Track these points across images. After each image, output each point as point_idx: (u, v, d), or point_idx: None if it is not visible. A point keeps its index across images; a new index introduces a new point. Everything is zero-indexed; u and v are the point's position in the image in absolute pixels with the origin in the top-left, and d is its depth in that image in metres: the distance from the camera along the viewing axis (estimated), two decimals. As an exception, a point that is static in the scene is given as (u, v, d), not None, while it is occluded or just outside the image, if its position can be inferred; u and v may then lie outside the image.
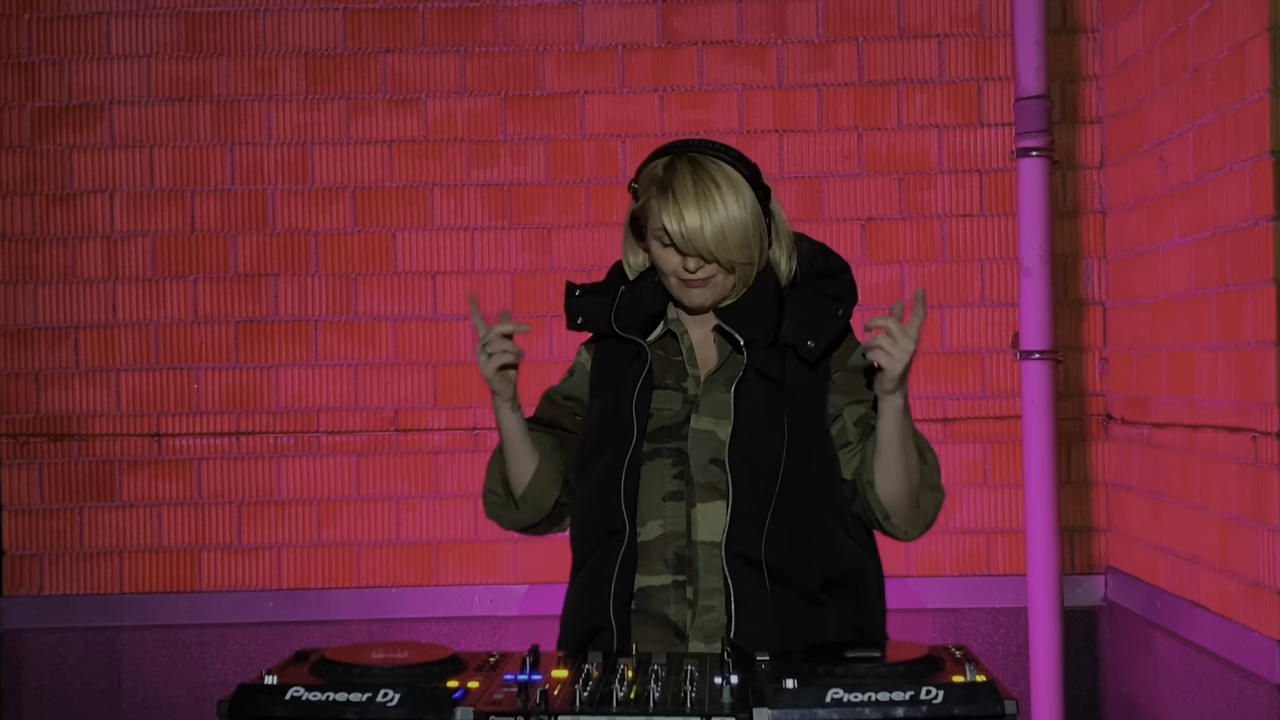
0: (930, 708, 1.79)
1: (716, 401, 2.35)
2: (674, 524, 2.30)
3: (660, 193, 2.32)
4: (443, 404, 4.23)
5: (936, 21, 4.21)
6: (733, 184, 2.32)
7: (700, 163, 2.33)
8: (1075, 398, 4.18)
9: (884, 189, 4.21)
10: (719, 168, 2.32)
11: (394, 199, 4.24)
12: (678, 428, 2.34)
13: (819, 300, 2.41)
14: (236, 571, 4.23)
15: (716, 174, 2.32)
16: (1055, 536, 3.53)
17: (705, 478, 2.30)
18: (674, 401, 2.37)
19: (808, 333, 2.36)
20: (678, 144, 2.38)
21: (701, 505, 2.30)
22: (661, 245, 2.34)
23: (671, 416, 2.36)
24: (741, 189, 2.33)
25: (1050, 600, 3.54)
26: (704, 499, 2.30)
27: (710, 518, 2.29)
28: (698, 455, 2.31)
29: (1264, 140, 3.03)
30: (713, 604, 2.28)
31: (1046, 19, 3.57)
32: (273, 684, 1.87)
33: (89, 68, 4.24)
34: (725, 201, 2.30)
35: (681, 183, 2.30)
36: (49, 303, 4.24)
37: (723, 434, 2.31)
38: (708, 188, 2.30)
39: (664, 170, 2.34)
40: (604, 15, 4.23)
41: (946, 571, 4.18)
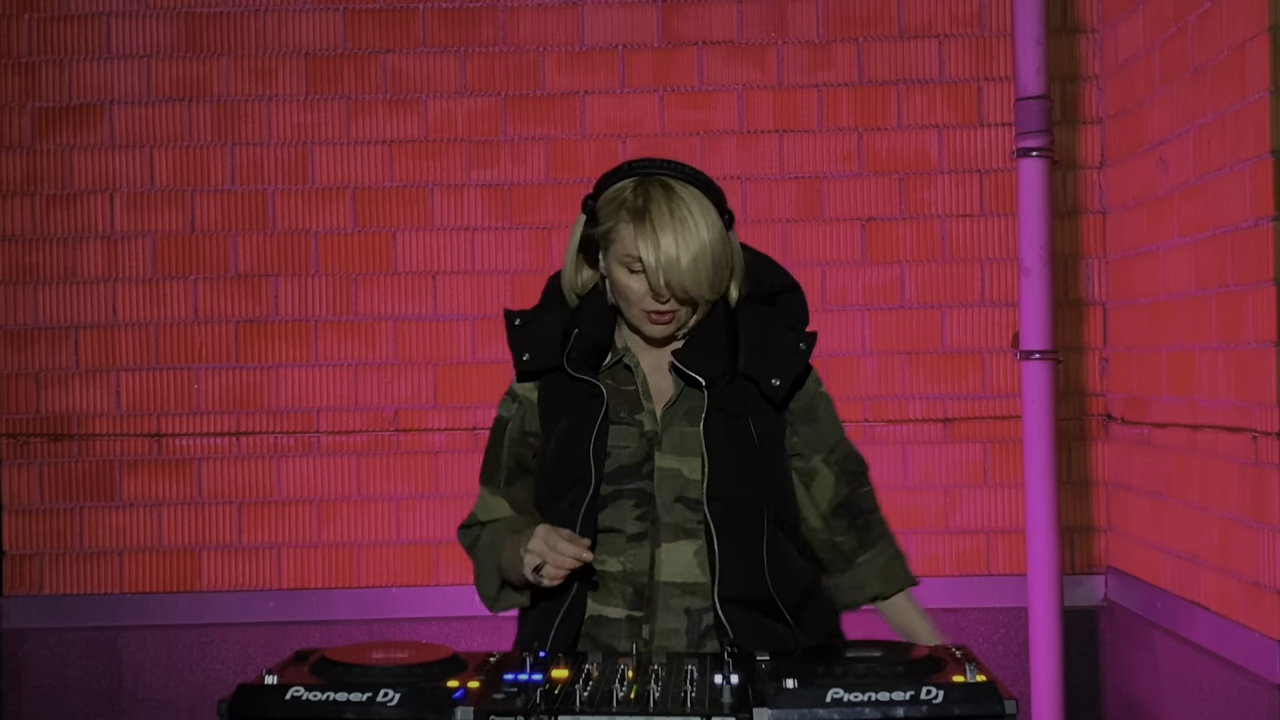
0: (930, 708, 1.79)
1: (679, 437, 2.28)
2: (636, 563, 2.26)
3: (635, 218, 2.22)
4: (443, 404, 4.23)
5: (936, 21, 4.21)
6: (705, 212, 2.22)
7: (672, 188, 2.23)
8: (1075, 398, 4.18)
9: (884, 189, 4.21)
10: (691, 193, 2.23)
11: (394, 199, 4.24)
12: (637, 466, 2.27)
13: (778, 331, 2.34)
14: (236, 571, 4.23)
15: (690, 201, 2.22)
16: (1055, 536, 3.53)
17: (671, 517, 2.26)
18: (630, 439, 2.29)
19: (771, 370, 2.29)
20: (642, 163, 2.29)
21: (666, 545, 2.26)
22: (629, 272, 2.25)
23: (630, 455, 2.28)
24: (712, 217, 2.23)
25: (1050, 600, 3.54)
26: (669, 539, 2.26)
27: (674, 558, 2.26)
28: (663, 494, 2.27)
29: (1264, 140, 3.03)
30: (668, 644, 2.25)
31: (1046, 19, 3.57)
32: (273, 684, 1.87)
33: (89, 68, 4.24)
34: (700, 230, 2.20)
35: (658, 208, 2.20)
36: (49, 303, 4.24)
37: (689, 471, 2.26)
38: (684, 216, 2.20)
39: (634, 194, 2.24)
40: (604, 15, 4.23)
41: (946, 571, 4.18)
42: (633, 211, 2.23)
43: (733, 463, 2.26)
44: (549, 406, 2.35)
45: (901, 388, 4.19)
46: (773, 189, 4.17)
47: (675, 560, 2.26)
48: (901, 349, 4.19)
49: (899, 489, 4.18)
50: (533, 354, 2.33)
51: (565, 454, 2.30)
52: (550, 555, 2.16)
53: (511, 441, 2.40)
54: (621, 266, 2.25)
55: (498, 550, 2.33)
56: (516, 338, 2.36)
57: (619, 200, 2.26)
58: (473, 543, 2.42)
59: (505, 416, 2.41)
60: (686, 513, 2.26)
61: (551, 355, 2.32)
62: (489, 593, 2.37)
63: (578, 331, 2.32)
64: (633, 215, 2.23)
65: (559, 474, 2.30)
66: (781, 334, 2.33)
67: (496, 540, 2.35)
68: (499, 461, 2.42)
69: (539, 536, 2.18)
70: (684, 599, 2.27)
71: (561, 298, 2.38)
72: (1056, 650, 3.53)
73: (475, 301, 4.23)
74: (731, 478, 2.25)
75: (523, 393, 2.39)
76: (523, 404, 2.39)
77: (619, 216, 2.25)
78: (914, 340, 4.19)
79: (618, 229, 2.25)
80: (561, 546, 2.15)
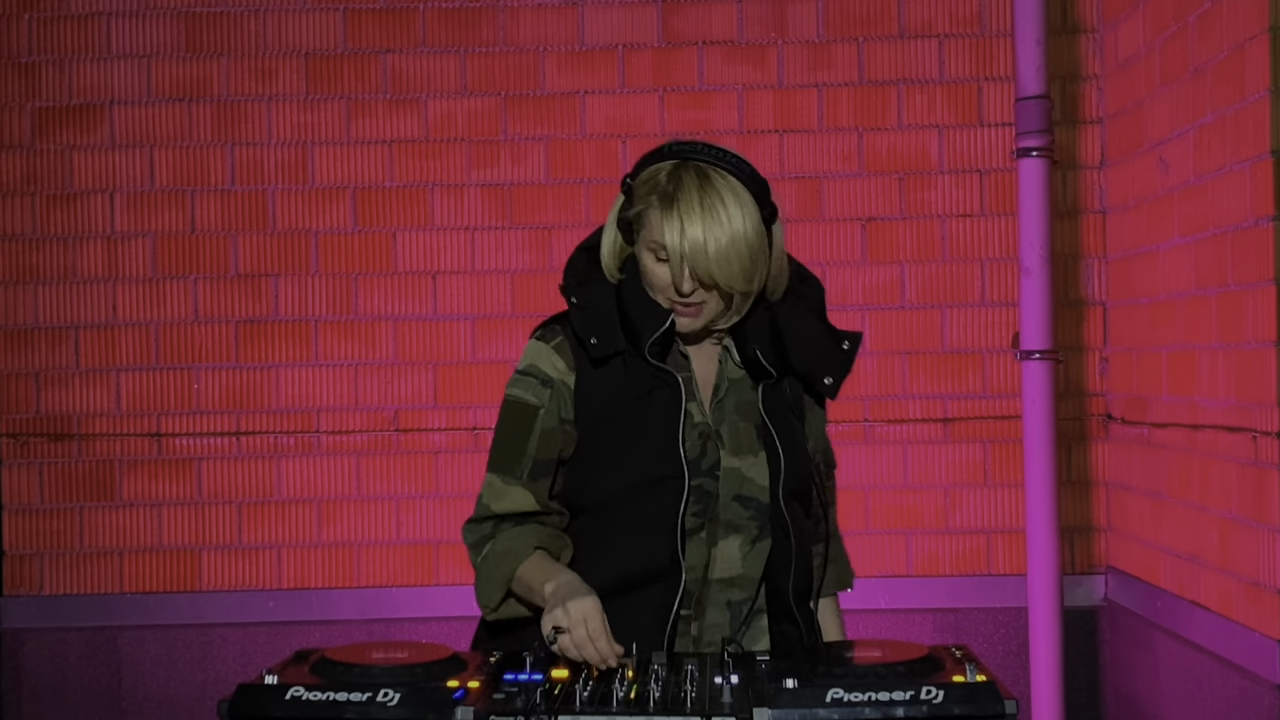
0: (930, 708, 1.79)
1: (736, 434, 2.25)
2: (693, 560, 2.23)
3: (663, 203, 2.16)
4: (443, 404, 4.23)
5: (936, 21, 4.21)
6: (740, 204, 2.14)
7: (708, 175, 2.15)
8: (1075, 398, 4.18)
9: (884, 189, 4.21)
10: (727, 183, 2.15)
11: (394, 199, 4.24)
12: (697, 461, 2.22)
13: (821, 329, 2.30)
14: (236, 571, 4.23)
15: (725, 190, 2.14)
16: (1055, 536, 3.53)
17: (727, 514, 2.25)
18: (689, 434, 2.23)
19: (822, 368, 2.27)
20: (684, 146, 2.21)
21: (721, 543, 2.25)
22: (655, 260, 2.18)
23: (692, 449, 2.22)
24: (749, 209, 2.15)
25: (1050, 600, 3.54)
26: (723, 535, 2.25)
27: (725, 554, 2.25)
28: (725, 492, 2.24)
29: (1264, 140, 3.03)
30: (712, 640, 2.26)
31: (1046, 19, 3.57)
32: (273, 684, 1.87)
33: (89, 68, 4.24)
34: (732, 222, 2.12)
35: (687, 196, 2.13)
36: (49, 303, 4.24)
37: (748, 470, 2.24)
38: (714, 205, 2.13)
39: (667, 178, 2.17)
40: (604, 15, 4.23)
41: (946, 571, 4.19)
42: (662, 197, 2.16)
43: (794, 460, 2.26)
44: (591, 393, 2.25)
45: (901, 388, 4.19)
46: (773, 189, 4.16)
47: (726, 557, 2.26)
48: (901, 349, 4.19)
49: (899, 489, 4.18)
50: (600, 339, 2.22)
51: (640, 448, 2.21)
52: (584, 642, 2.00)
53: (546, 432, 2.25)
54: (649, 253, 2.19)
55: (514, 561, 2.21)
56: (582, 321, 2.24)
57: (652, 183, 2.19)
58: (479, 542, 2.27)
59: (534, 403, 2.26)
60: (740, 510, 2.25)
61: (616, 339, 2.22)
62: (490, 601, 2.24)
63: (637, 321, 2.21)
64: (662, 201, 2.16)
65: (633, 469, 2.21)
66: (821, 330, 2.30)
67: (514, 551, 2.22)
68: (524, 450, 2.26)
69: (583, 612, 2.02)
70: (728, 592, 2.27)
71: (599, 274, 2.28)
72: (1056, 650, 3.53)
73: (475, 301, 4.23)
74: (796, 475, 2.27)
75: (558, 376, 2.26)
76: (558, 390, 2.26)
77: (649, 201, 2.18)
78: (914, 340, 4.19)
79: (648, 214, 2.18)
80: (601, 644, 2.00)
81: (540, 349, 2.28)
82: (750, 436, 2.26)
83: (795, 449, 2.26)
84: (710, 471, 2.23)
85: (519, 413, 2.28)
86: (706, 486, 2.22)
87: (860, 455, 4.16)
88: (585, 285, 2.28)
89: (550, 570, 2.17)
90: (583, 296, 2.26)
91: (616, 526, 2.23)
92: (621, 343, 2.22)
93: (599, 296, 2.25)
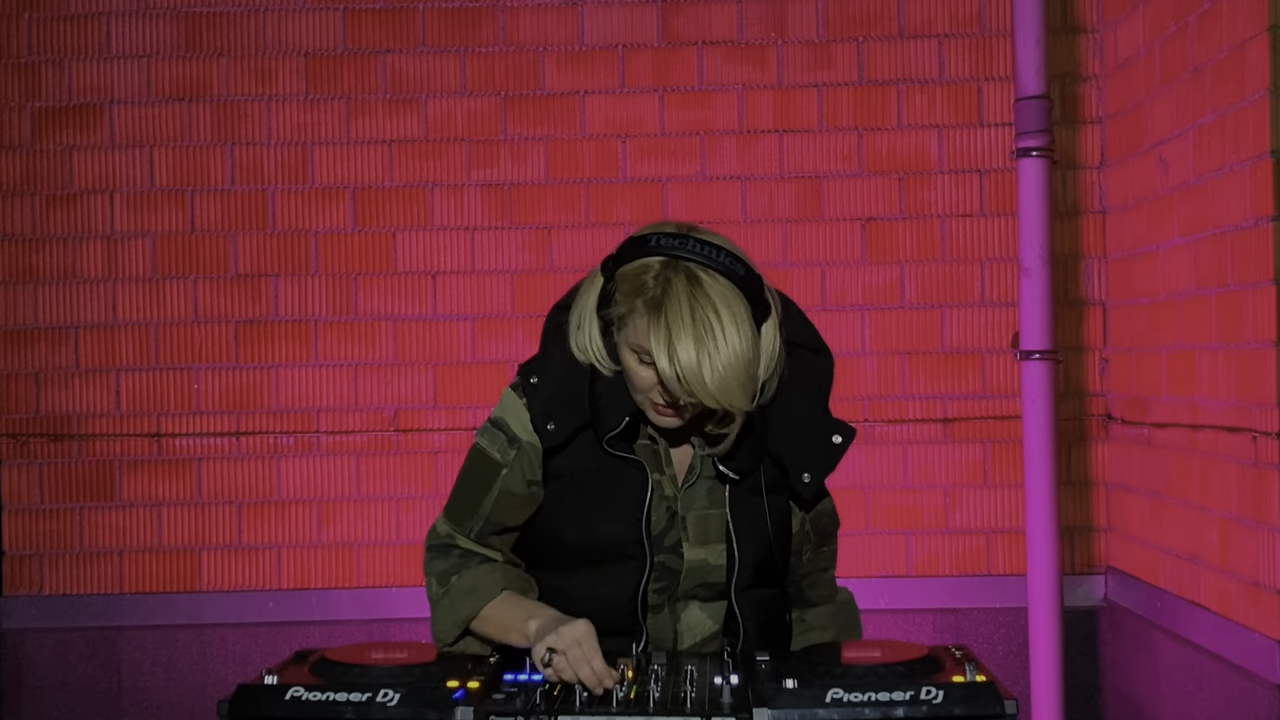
0: (930, 708, 1.79)
1: (703, 523, 2.19)
2: (657, 632, 2.21)
3: (650, 310, 2.02)
4: (443, 404, 4.23)
5: (936, 21, 4.20)
6: (734, 316, 2.00)
7: (699, 281, 2.00)
8: (1075, 398, 4.18)
9: (884, 189, 4.20)
10: (720, 290, 2.00)
11: (394, 199, 4.24)
12: (661, 537, 2.18)
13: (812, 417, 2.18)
14: (236, 571, 4.23)
15: (718, 302, 1.99)
16: (1055, 536, 3.52)
17: (687, 594, 2.22)
18: (657, 508, 2.18)
19: (802, 462, 2.16)
20: (672, 241, 2.05)
21: (684, 615, 2.23)
22: (639, 361, 2.06)
23: (655, 526, 2.18)
24: (743, 319, 2.01)
25: (1050, 600, 3.53)
26: (684, 608, 2.23)
27: (691, 624, 2.23)
28: (687, 581, 2.21)
29: (1264, 140, 3.03)
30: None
31: (1046, 19, 3.57)
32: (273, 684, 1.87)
33: (89, 68, 4.24)
34: (728, 339, 1.97)
35: (677, 308, 1.98)
36: (49, 303, 4.24)
37: (714, 559, 2.19)
38: (706, 320, 1.98)
39: (655, 281, 2.02)
40: (604, 15, 4.23)
41: (946, 571, 4.18)
42: (650, 304, 2.02)
43: (757, 551, 2.20)
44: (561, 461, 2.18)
45: (901, 388, 4.19)
46: (773, 189, 4.17)
47: (692, 625, 2.24)
48: (901, 349, 4.19)
49: (899, 489, 4.18)
50: (558, 423, 2.13)
51: (603, 519, 2.16)
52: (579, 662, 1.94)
53: (505, 493, 2.20)
54: (632, 353, 2.07)
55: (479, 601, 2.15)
56: (537, 403, 2.15)
57: (639, 284, 2.04)
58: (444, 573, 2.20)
59: (498, 460, 2.20)
60: (704, 591, 2.22)
61: (577, 418, 2.13)
62: (446, 637, 2.18)
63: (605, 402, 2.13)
64: (649, 308, 2.02)
65: (596, 539, 2.17)
66: (812, 418, 2.19)
67: (480, 590, 2.16)
68: (478, 508, 2.22)
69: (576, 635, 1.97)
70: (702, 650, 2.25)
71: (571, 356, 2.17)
72: (1056, 650, 3.53)
73: (475, 301, 4.22)
74: (756, 566, 2.20)
75: (526, 438, 2.19)
76: (524, 451, 2.19)
77: (634, 304, 2.04)
78: (914, 340, 4.19)
79: (633, 317, 2.05)
80: (596, 664, 1.94)
81: (513, 403, 2.21)
82: (718, 525, 2.19)
83: (757, 542, 2.19)
84: (674, 549, 2.19)
85: (481, 466, 2.22)
86: (670, 564, 2.19)
87: (860, 455, 4.16)
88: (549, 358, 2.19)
89: (531, 607, 2.13)
90: (542, 373, 2.17)
91: (577, 593, 2.18)
92: (585, 418, 2.13)
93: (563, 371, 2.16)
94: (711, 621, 2.24)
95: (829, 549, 2.37)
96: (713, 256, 2.03)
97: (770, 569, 2.24)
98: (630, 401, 2.13)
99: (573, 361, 2.17)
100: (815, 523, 2.32)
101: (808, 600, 2.36)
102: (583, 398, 2.14)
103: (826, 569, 2.37)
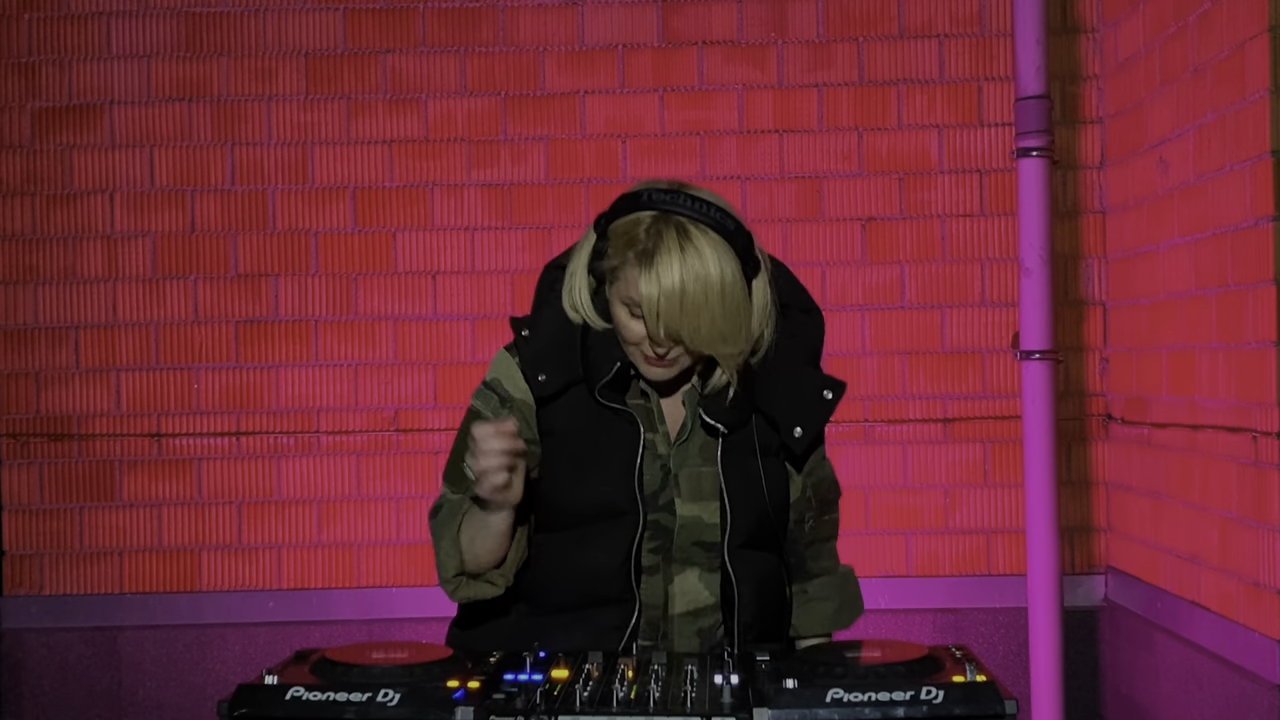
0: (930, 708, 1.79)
1: (695, 480, 2.20)
2: (650, 597, 2.21)
3: (641, 262, 2.06)
4: (443, 404, 4.23)
5: (936, 21, 4.21)
6: (722, 261, 2.05)
7: (688, 233, 2.05)
8: (1075, 398, 4.18)
9: (884, 189, 4.21)
10: (708, 240, 2.05)
11: (394, 199, 4.24)
12: (655, 496, 2.19)
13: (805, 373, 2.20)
14: (236, 571, 4.23)
15: (707, 251, 2.04)
16: (1055, 536, 3.52)
17: (683, 554, 2.22)
18: (650, 466, 2.20)
19: (794, 417, 2.18)
20: (663, 196, 2.09)
21: (678, 578, 2.23)
22: (629, 315, 2.10)
23: (650, 484, 2.19)
24: (730, 270, 2.06)
25: (1050, 600, 3.54)
26: (679, 571, 2.22)
27: (685, 588, 2.22)
28: (682, 538, 2.21)
29: (1264, 140, 3.03)
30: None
31: (1046, 19, 3.57)
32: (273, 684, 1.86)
33: (89, 68, 4.24)
34: (713, 283, 2.03)
35: (667, 255, 2.03)
36: (49, 303, 4.24)
37: (708, 517, 2.20)
38: (695, 268, 2.03)
39: (647, 234, 2.06)
40: (604, 15, 4.23)
41: (946, 571, 4.19)
42: (640, 254, 2.06)
43: (751, 510, 2.20)
44: (554, 418, 2.20)
45: (901, 388, 4.19)
46: (773, 189, 4.17)
47: (686, 590, 2.23)
48: (901, 349, 4.19)
49: (899, 489, 4.19)
50: (549, 374, 2.16)
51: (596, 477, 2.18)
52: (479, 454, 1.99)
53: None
54: (623, 306, 2.11)
55: (453, 515, 2.17)
56: (529, 354, 2.18)
57: (630, 236, 2.08)
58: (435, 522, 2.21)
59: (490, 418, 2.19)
60: (702, 554, 2.22)
61: (568, 372, 2.16)
62: (446, 572, 2.18)
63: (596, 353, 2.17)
64: (640, 259, 2.06)
65: (589, 498, 2.18)
66: (804, 374, 2.21)
67: (454, 508, 2.18)
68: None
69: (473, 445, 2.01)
70: (696, 622, 2.25)
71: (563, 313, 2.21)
72: (1056, 650, 3.53)
73: (475, 301, 4.23)
74: (750, 526, 2.20)
75: (519, 396, 2.21)
76: (518, 409, 2.20)
77: (625, 256, 2.08)
78: (914, 340, 4.19)
79: (624, 269, 2.09)
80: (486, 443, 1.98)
81: (506, 362, 2.23)
82: (711, 482, 2.20)
83: (750, 501, 2.19)
84: (668, 507, 2.20)
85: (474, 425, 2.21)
86: (664, 522, 2.20)
87: (860, 455, 4.16)
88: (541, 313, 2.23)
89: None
90: (534, 327, 2.20)
91: (572, 552, 2.20)
92: (577, 373, 2.16)
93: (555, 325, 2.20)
94: (708, 592, 2.23)
95: (830, 518, 2.37)
96: (703, 211, 2.07)
97: (767, 532, 2.24)
98: (621, 352, 2.16)
99: (564, 318, 2.20)
100: (816, 489, 2.33)
101: (809, 572, 2.35)
102: (575, 351, 2.17)
103: (829, 539, 2.37)
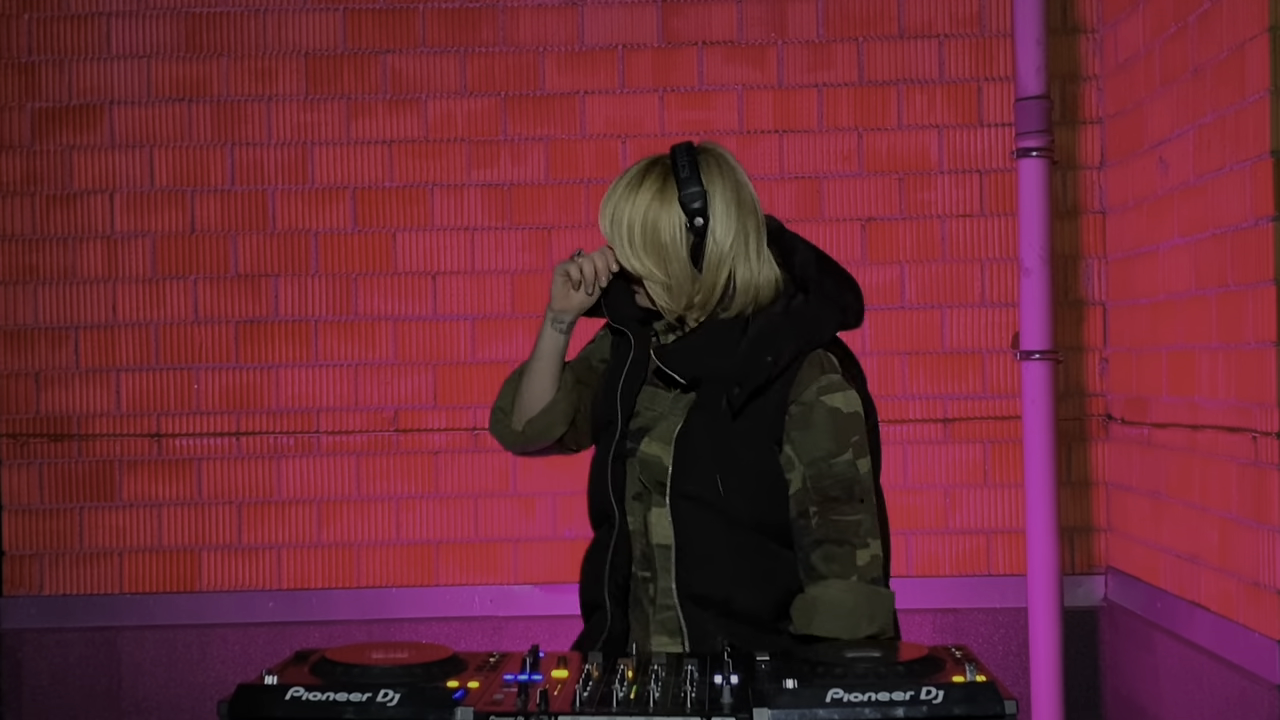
0: (930, 708, 1.79)
1: (666, 423, 2.31)
2: (637, 523, 2.32)
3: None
4: (443, 404, 4.23)
5: (936, 21, 4.20)
6: (659, 191, 2.26)
7: (658, 162, 2.29)
8: (1075, 398, 4.18)
9: (884, 189, 4.21)
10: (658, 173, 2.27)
11: (394, 199, 4.24)
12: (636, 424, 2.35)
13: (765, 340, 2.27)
14: (236, 571, 4.23)
15: (653, 176, 2.27)
16: (1055, 536, 3.53)
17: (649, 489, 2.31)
18: (660, 404, 2.35)
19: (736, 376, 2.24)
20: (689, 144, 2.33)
21: (655, 510, 2.30)
22: None
23: (650, 419, 2.34)
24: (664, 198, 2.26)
25: (1050, 600, 3.54)
26: (657, 504, 2.30)
27: (657, 521, 2.29)
28: (646, 474, 2.30)
29: (1264, 140, 3.03)
30: (669, 603, 2.28)
31: (1046, 19, 3.58)
32: (273, 684, 1.87)
33: (89, 68, 4.24)
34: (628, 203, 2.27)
35: (626, 173, 2.30)
36: (49, 303, 4.24)
37: (666, 460, 2.28)
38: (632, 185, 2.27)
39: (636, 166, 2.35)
40: (604, 15, 4.23)
41: (946, 571, 4.18)
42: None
43: (702, 463, 2.25)
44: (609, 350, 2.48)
45: (901, 388, 4.19)
46: (773, 189, 4.17)
47: (657, 524, 2.29)
48: (901, 349, 4.19)
49: (899, 489, 4.18)
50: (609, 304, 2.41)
51: (602, 398, 2.40)
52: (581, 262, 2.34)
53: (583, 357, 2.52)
54: None
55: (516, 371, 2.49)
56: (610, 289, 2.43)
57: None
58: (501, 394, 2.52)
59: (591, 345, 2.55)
60: (660, 496, 2.29)
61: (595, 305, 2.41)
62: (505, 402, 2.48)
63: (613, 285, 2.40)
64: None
65: (596, 414, 2.42)
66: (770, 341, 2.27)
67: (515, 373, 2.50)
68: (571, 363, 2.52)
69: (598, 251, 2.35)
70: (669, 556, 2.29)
71: None
72: (1056, 650, 3.54)
73: (475, 301, 4.23)
74: (697, 478, 2.25)
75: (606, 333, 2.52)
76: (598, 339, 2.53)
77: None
78: (914, 340, 4.19)
79: None
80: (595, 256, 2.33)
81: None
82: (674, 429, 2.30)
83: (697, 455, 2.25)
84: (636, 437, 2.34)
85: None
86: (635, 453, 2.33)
87: (860, 455, 4.16)
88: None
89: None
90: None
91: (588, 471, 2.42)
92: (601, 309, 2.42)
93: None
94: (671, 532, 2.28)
95: (846, 520, 2.22)
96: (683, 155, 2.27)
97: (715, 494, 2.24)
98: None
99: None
100: (816, 482, 2.24)
101: (819, 574, 2.20)
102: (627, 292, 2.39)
103: (843, 542, 2.20)
